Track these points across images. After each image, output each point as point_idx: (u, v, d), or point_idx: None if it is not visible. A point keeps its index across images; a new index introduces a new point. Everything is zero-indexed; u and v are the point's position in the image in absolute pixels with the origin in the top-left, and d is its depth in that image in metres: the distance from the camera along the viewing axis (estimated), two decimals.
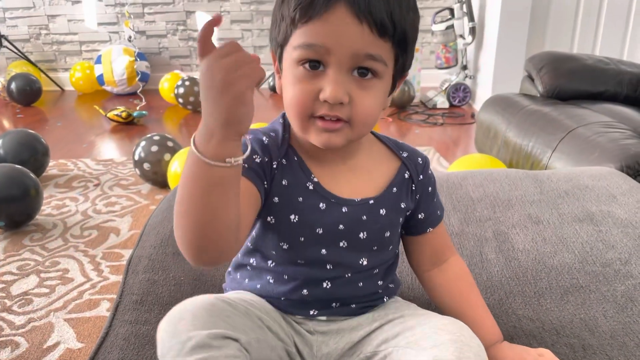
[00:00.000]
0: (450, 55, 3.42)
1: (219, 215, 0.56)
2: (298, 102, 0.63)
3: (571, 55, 2.15)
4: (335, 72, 0.61)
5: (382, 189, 0.72)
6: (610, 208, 1.04)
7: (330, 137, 0.64)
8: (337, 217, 0.69)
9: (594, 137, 1.56)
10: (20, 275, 1.56)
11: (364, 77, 0.62)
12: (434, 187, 0.77)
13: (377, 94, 0.64)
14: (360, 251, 0.71)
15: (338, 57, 0.60)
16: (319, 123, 0.63)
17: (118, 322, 0.79)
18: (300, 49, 0.62)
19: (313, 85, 0.62)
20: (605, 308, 0.80)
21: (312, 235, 0.69)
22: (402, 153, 0.75)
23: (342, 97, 0.61)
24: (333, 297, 0.72)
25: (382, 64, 0.62)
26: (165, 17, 3.93)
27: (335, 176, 0.71)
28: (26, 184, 1.79)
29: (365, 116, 0.64)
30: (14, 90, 3.49)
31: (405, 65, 0.68)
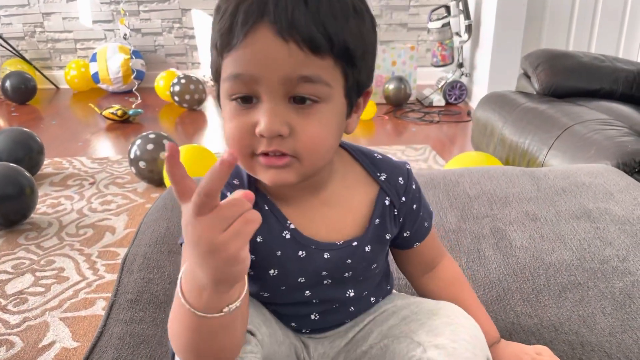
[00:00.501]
0: (446, 53, 3.42)
1: (225, 349, 0.52)
2: (235, 140, 0.55)
3: (567, 53, 2.15)
4: (269, 102, 0.53)
5: (363, 225, 0.65)
6: (608, 205, 1.03)
7: (278, 174, 0.56)
8: (319, 264, 0.64)
9: (590, 134, 1.56)
10: (15, 274, 1.55)
11: (303, 103, 0.54)
12: (419, 202, 0.69)
13: (324, 120, 0.55)
14: (345, 284, 0.68)
15: (268, 85, 0.52)
16: (261, 160, 0.55)
17: (113, 321, 0.78)
18: (229, 82, 0.55)
19: (248, 120, 0.54)
20: (603, 305, 0.80)
21: (294, 284, 0.65)
22: (379, 176, 0.66)
23: (279, 129, 0.53)
24: (323, 325, 0.71)
25: (324, 85, 0.53)
26: (160, 15, 3.91)
27: (310, 215, 0.64)
28: (21, 183, 1.78)
29: (313, 147, 0.55)
30: (9, 88, 3.48)
31: (360, 82, 0.58)
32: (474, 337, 0.61)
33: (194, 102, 3.34)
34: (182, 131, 3.07)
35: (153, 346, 0.75)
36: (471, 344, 0.59)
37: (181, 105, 3.36)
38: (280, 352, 0.65)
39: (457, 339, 0.59)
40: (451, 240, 0.96)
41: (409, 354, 0.61)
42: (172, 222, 1.02)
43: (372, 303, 0.72)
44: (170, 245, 0.95)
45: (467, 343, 0.59)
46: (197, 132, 3.06)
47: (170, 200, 1.09)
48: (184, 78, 3.31)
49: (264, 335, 0.62)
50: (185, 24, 3.94)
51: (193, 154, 2.00)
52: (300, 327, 0.70)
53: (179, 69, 3.94)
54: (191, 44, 3.98)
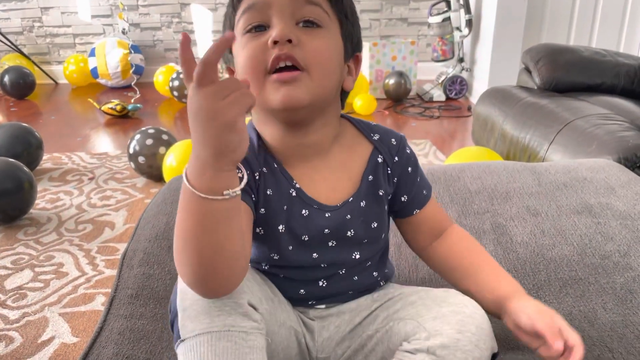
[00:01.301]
0: (446, 47, 3.41)
1: (224, 248, 0.53)
2: (249, 57, 0.62)
3: (568, 48, 2.14)
4: (279, 20, 0.62)
5: (357, 180, 0.70)
6: (609, 200, 1.03)
7: (289, 90, 0.61)
8: (321, 223, 0.68)
9: (591, 129, 1.55)
10: (15, 269, 1.55)
11: (310, 27, 0.63)
12: (415, 167, 0.73)
13: (328, 41, 0.64)
14: (350, 246, 0.70)
15: (278, 5, 0.62)
16: (274, 77, 0.61)
17: (113, 317, 0.78)
18: (244, 17, 0.63)
19: (261, 40, 0.62)
20: (604, 300, 0.80)
21: (300, 243, 0.68)
22: (373, 136, 0.71)
23: (289, 34, 0.60)
24: (330, 293, 0.72)
25: (323, 11, 0.63)
26: (159, 10, 3.90)
27: (314, 176, 0.68)
28: (20, 178, 1.78)
29: (320, 57, 0.62)
30: (7, 83, 3.47)
31: (353, 37, 0.68)
32: (480, 329, 0.60)
33: None
34: (182, 126, 3.06)
35: (153, 341, 0.74)
36: (476, 336, 0.59)
37: (180, 100, 3.35)
38: (279, 334, 0.66)
39: (463, 330, 0.59)
40: None
41: (414, 335, 0.62)
42: (172, 217, 1.01)
43: (374, 277, 0.74)
44: (170, 241, 0.95)
45: (472, 335, 0.59)
46: None
47: (170, 195, 1.09)
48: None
49: (265, 312, 0.62)
50: (184, 18, 3.92)
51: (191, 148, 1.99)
52: (308, 295, 0.71)
53: (178, 63, 3.93)
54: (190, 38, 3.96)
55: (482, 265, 0.71)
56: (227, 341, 0.56)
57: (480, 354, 0.59)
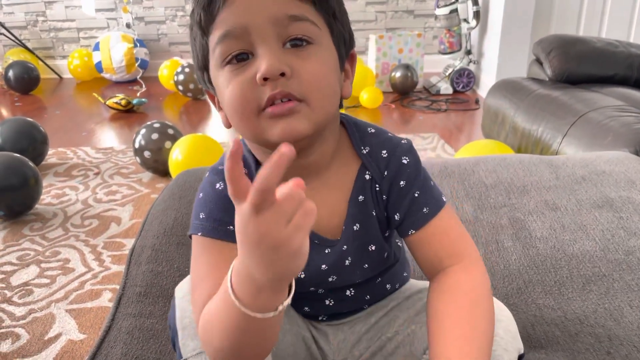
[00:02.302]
0: (453, 40, 3.37)
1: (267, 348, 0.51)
2: (236, 98, 0.53)
3: (580, 38, 2.10)
4: (265, 47, 0.52)
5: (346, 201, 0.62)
6: (630, 194, 1.00)
7: (288, 123, 0.53)
8: (319, 262, 0.62)
9: (606, 121, 1.52)
10: (21, 265, 1.53)
11: (299, 47, 0.54)
12: (411, 180, 0.61)
13: (321, 59, 0.55)
14: (351, 274, 0.65)
15: (259, 30, 0.52)
16: (268, 111, 0.53)
17: (121, 315, 0.76)
18: (220, 46, 0.54)
19: (247, 75, 0.53)
20: (630, 298, 0.77)
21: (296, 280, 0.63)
22: (363, 149, 0.62)
23: (281, 67, 0.51)
24: (338, 311, 0.68)
25: (312, 24, 0.54)
26: (164, 3, 3.87)
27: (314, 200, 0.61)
28: (25, 173, 1.76)
29: (317, 85, 0.53)
30: (12, 78, 3.45)
31: (345, 36, 0.59)
32: (507, 331, 0.58)
33: (198, 91, 3.30)
34: (187, 120, 3.04)
35: (163, 341, 0.72)
36: (504, 340, 0.57)
37: (185, 94, 3.32)
38: (284, 341, 0.64)
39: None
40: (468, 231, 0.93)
41: None
42: (180, 212, 0.99)
43: (388, 290, 0.70)
44: (178, 237, 0.93)
45: (500, 339, 0.57)
46: (201, 121, 3.03)
47: (177, 190, 1.06)
48: (188, 67, 3.27)
49: None
50: (188, 12, 3.88)
51: (197, 143, 1.97)
52: (314, 312, 0.68)
53: (183, 57, 3.90)
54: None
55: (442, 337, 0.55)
56: None
57: (509, 357, 0.57)
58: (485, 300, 0.56)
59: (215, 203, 0.59)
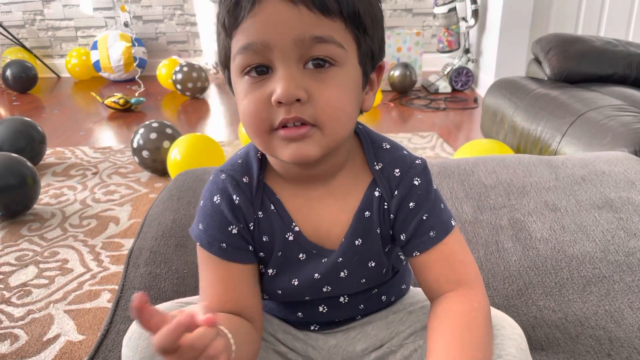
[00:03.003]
0: (452, 38, 3.36)
1: None
2: (251, 115, 0.53)
3: (579, 37, 2.09)
4: (284, 68, 0.51)
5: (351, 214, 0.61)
6: (630, 194, 1.00)
7: (299, 147, 0.53)
8: (312, 271, 0.62)
9: (605, 121, 1.52)
10: (19, 265, 1.53)
11: (321, 67, 0.52)
12: (423, 203, 0.61)
13: (341, 84, 0.53)
14: (346, 287, 0.65)
15: (281, 49, 0.51)
16: (281, 133, 0.53)
17: (119, 318, 0.75)
18: (240, 56, 0.53)
19: (263, 92, 0.52)
20: (630, 299, 0.77)
21: (289, 287, 0.63)
22: (376, 165, 0.61)
23: (297, 93, 0.51)
24: (332, 319, 0.68)
25: (338, 47, 0.52)
26: (161, 2, 3.86)
27: (317, 208, 0.62)
28: (23, 173, 1.75)
29: (333, 112, 0.53)
30: (9, 77, 3.44)
31: (374, 52, 0.57)
32: (520, 350, 0.57)
33: (196, 90, 3.29)
34: (185, 120, 3.04)
35: None
36: (517, 358, 0.56)
37: (184, 93, 3.32)
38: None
39: (503, 354, 0.55)
40: (468, 232, 0.93)
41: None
42: (179, 214, 0.99)
43: (383, 301, 0.69)
44: (177, 239, 0.92)
45: (513, 357, 0.55)
46: (200, 120, 3.02)
47: (176, 191, 1.06)
48: (186, 66, 3.26)
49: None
50: (186, 10, 3.88)
51: (196, 143, 1.96)
52: (307, 319, 0.67)
53: (181, 56, 3.89)
54: (193, 31, 3.93)
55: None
56: None
57: None
58: (480, 325, 0.56)
59: (212, 217, 0.60)
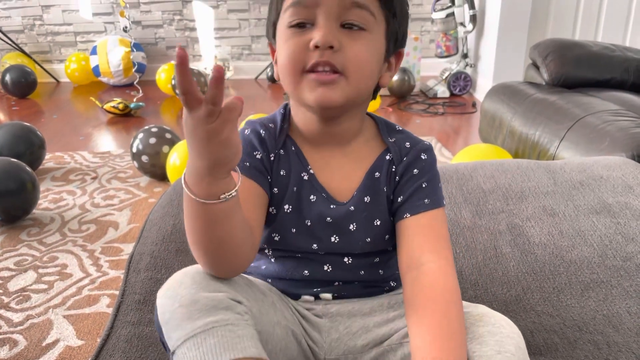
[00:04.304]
0: (450, 43, 3.38)
1: (227, 241, 0.58)
2: (289, 56, 0.63)
3: (577, 43, 2.10)
4: (324, 21, 0.62)
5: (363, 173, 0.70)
6: (627, 199, 1.00)
7: (325, 91, 0.62)
8: (325, 212, 0.69)
9: (603, 125, 1.53)
10: (18, 271, 1.53)
11: (353, 29, 0.63)
12: (425, 173, 0.69)
13: (369, 45, 0.64)
14: (352, 242, 0.70)
15: (326, 6, 0.62)
16: (311, 76, 0.63)
17: (120, 323, 0.76)
18: (290, 10, 0.64)
19: (303, 39, 0.63)
20: (628, 304, 0.77)
21: (302, 227, 0.69)
22: (390, 138, 0.72)
23: (332, 40, 0.61)
24: (335, 278, 0.72)
25: (370, 14, 0.63)
26: (161, 7, 3.87)
27: (330, 162, 0.70)
28: (22, 178, 1.75)
29: (358, 64, 0.63)
30: (9, 82, 3.44)
31: (398, 35, 0.68)
32: (518, 348, 0.58)
33: None
34: None
35: (162, 349, 0.72)
36: (515, 357, 0.57)
37: None
38: (274, 334, 0.64)
39: (502, 351, 0.56)
40: (467, 238, 0.93)
41: None
42: (179, 219, 0.99)
43: (381, 275, 0.73)
44: (177, 244, 0.93)
45: (512, 355, 0.56)
46: None
47: (176, 196, 1.06)
48: None
49: (253, 308, 0.61)
50: (186, 16, 3.89)
51: None
52: (312, 277, 0.71)
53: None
54: (192, 36, 3.94)
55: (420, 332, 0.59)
56: (213, 337, 0.55)
57: None
58: (458, 302, 0.62)
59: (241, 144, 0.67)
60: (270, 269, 0.73)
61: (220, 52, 3.92)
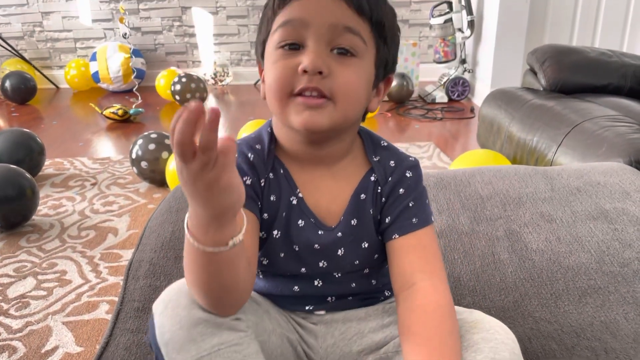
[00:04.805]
0: (448, 49, 3.39)
1: (233, 285, 0.56)
2: (276, 78, 0.62)
3: (574, 48, 2.11)
4: (314, 45, 0.61)
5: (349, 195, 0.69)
6: (625, 205, 1.01)
7: (311, 115, 0.61)
8: (312, 238, 0.68)
9: (600, 131, 1.53)
10: (17, 277, 1.53)
11: (344, 55, 0.62)
12: (412, 192, 0.68)
13: (359, 72, 0.63)
14: (340, 267, 0.69)
15: (316, 29, 0.60)
16: (299, 99, 0.61)
17: (119, 331, 0.76)
18: (280, 30, 0.62)
19: (292, 61, 0.61)
20: (626, 310, 0.78)
21: (291, 252, 0.68)
22: (374, 157, 0.70)
23: (321, 66, 0.60)
24: (326, 293, 0.71)
25: (361, 41, 0.62)
26: (160, 13, 3.88)
27: (319, 185, 0.69)
28: (22, 184, 1.76)
29: (347, 90, 0.61)
30: (9, 88, 3.45)
31: (388, 62, 0.67)
32: (513, 354, 0.58)
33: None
34: None
35: None
36: None
37: (182, 104, 3.32)
38: (270, 341, 0.65)
39: (497, 358, 0.57)
40: (464, 244, 0.94)
41: None
42: (178, 226, 0.99)
43: (374, 285, 0.72)
44: (176, 251, 0.93)
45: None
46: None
47: (175, 203, 1.06)
48: (184, 77, 3.28)
49: (250, 321, 0.62)
50: (185, 22, 3.90)
51: None
52: (302, 292, 0.70)
53: (180, 67, 3.91)
54: (191, 42, 3.95)
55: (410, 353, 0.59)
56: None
57: None
58: (452, 319, 0.61)
59: None
60: (260, 284, 0.73)
61: (220, 57, 3.93)
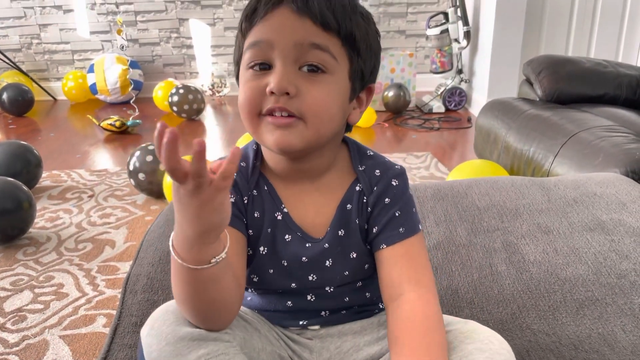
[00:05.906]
0: (445, 59, 3.41)
1: (219, 301, 0.58)
2: (246, 99, 0.62)
3: (570, 59, 2.13)
4: (281, 65, 0.60)
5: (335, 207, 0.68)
6: (621, 216, 1.01)
7: (282, 135, 0.61)
8: (300, 252, 0.68)
9: (596, 141, 1.54)
10: (14, 290, 1.52)
11: (314, 72, 0.61)
12: (398, 201, 0.68)
13: (328, 89, 0.61)
14: (330, 279, 0.69)
15: (282, 48, 0.60)
16: (268, 119, 0.62)
17: (117, 346, 0.75)
18: (249, 51, 0.62)
19: (261, 82, 0.61)
20: (623, 322, 0.77)
21: (279, 267, 0.68)
22: (360, 167, 0.70)
23: (287, 87, 0.59)
24: (319, 308, 0.71)
25: (330, 57, 0.61)
26: (158, 25, 3.90)
27: (304, 199, 0.69)
28: (19, 197, 1.75)
29: (316, 109, 0.61)
30: (6, 100, 3.45)
31: (365, 73, 0.66)
32: None
33: (192, 112, 3.31)
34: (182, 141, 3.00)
35: None
36: None
37: (180, 115, 3.33)
38: (260, 359, 0.65)
39: None
40: (462, 255, 0.94)
41: None
42: None
43: (368, 298, 0.72)
44: None
45: None
46: None
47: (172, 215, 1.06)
48: (182, 88, 3.28)
49: (237, 337, 0.62)
50: (182, 33, 3.92)
51: None
52: (296, 307, 0.70)
53: (177, 78, 3.92)
54: (189, 53, 3.96)
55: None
56: None
57: None
58: (439, 329, 0.61)
59: None
60: (254, 301, 0.74)
61: (217, 69, 3.94)
